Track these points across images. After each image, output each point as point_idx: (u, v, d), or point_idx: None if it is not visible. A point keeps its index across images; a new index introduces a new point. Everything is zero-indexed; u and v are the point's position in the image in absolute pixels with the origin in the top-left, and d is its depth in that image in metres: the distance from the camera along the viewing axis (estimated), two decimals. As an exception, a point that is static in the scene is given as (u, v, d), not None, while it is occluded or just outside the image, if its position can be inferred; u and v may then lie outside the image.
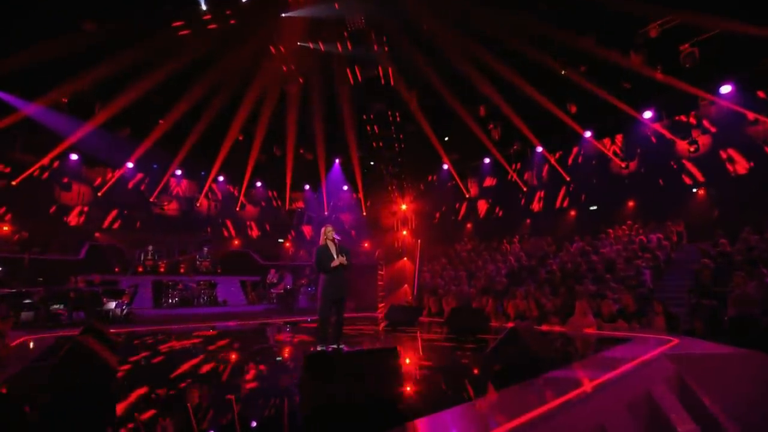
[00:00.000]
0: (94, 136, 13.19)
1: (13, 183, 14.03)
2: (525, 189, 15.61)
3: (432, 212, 18.87)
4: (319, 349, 4.63)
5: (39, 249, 12.91)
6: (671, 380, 3.34)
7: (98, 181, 15.59)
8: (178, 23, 9.34)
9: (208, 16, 9.26)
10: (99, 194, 15.59)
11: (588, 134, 13.58)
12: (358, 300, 14.26)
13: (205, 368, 4.07)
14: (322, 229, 4.92)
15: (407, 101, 12.81)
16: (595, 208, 13.75)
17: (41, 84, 10.27)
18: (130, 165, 15.67)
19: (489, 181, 16.90)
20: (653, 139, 12.37)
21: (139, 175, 16.41)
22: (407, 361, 4.47)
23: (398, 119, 14.57)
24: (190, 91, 11.16)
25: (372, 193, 19.97)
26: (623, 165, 12.99)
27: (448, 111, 12.95)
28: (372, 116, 14.55)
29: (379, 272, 17.56)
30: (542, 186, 15.24)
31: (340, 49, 10.19)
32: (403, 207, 19.05)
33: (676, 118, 11.90)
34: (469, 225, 17.24)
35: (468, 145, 15.61)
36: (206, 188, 17.54)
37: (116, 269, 13.26)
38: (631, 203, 12.75)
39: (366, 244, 19.62)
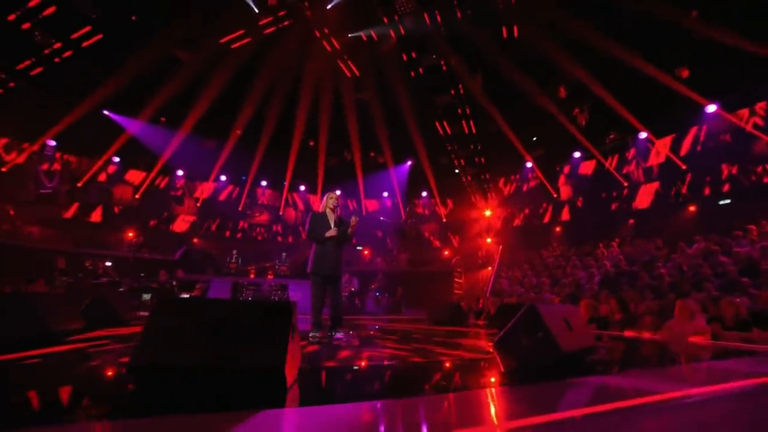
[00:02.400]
0: (190, 151, 15.12)
1: (137, 196, 16.84)
2: (626, 184, 13.00)
3: (514, 215, 16.97)
4: (311, 336, 3.94)
5: (148, 250, 15.06)
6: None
7: (198, 192, 17.72)
8: (238, 32, 9.86)
9: (265, 20, 9.60)
10: (198, 204, 17.69)
11: (712, 108, 10.71)
12: (431, 307, 13.45)
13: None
14: (324, 196, 4.31)
15: (474, 90, 11.68)
16: (727, 201, 10.67)
17: (137, 102, 11.77)
18: (223, 178, 17.62)
19: (580, 178, 14.54)
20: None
21: (230, 187, 18.17)
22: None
23: (468, 111, 13.45)
24: (255, 98, 11.75)
25: (451, 197, 18.97)
26: (770, 142, 9.87)
27: (522, 96, 11.44)
28: (440, 111, 13.70)
29: (457, 280, 16.34)
30: (649, 179, 12.50)
31: (393, 36, 9.70)
32: (487, 213, 17.51)
33: None
34: (557, 228, 14.99)
35: (553, 138, 13.73)
36: (284, 196, 18.55)
37: (210, 270, 14.73)
38: (783, 191, 9.56)
39: (446, 252, 18.58)
